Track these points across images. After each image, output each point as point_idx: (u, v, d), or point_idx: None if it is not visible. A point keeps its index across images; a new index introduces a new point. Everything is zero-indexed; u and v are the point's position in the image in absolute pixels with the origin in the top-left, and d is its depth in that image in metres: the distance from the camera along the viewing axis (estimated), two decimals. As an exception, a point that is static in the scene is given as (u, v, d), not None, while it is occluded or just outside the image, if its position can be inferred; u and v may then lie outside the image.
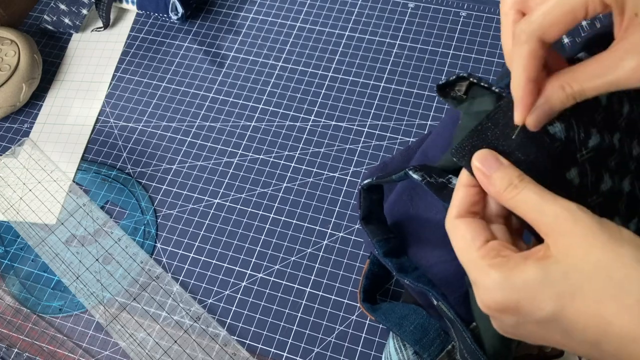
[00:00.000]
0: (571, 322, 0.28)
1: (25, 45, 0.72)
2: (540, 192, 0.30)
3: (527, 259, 0.30)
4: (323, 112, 0.68)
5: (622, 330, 0.27)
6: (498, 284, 0.30)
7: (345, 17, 0.75)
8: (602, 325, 0.28)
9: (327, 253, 0.59)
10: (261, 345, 0.56)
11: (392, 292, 0.57)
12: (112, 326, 0.58)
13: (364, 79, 0.70)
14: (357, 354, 0.54)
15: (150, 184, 0.66)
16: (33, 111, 0.73)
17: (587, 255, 0.28)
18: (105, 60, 0.76)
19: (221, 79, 0.72)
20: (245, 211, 0.63)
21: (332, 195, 0.63)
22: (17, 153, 0.69)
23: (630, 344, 0.27)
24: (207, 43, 0.76)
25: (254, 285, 0.59)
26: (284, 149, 0.66)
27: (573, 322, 0.28)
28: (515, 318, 0.30)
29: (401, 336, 0.49)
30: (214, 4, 0.79)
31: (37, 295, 0.60)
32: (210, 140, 0.68)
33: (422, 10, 0.74)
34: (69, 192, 0.66)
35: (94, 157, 0.68)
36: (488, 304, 0.31)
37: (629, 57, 0.29)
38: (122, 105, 0.72)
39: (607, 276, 0.28)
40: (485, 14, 0.73)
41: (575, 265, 0.28)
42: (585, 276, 0.28)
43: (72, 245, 0.62)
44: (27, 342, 0.58)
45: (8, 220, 0.65)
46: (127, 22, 0.79)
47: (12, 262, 0.63)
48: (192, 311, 0.58)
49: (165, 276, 0.60)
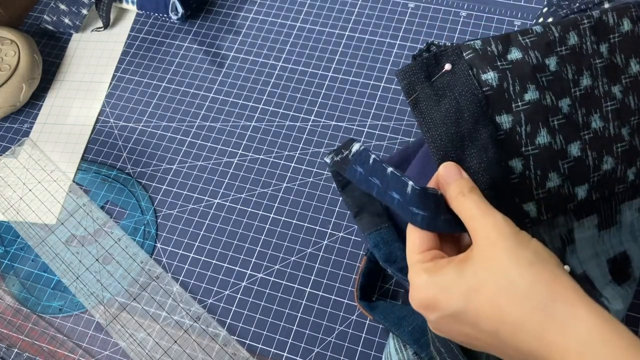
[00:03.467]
0: (476, 313, 0.33)
1: (25, 45, 0.72)
2: (480, 204, 0.36)
3: (450, 262, 0.35)
4: (323, 112, 0.68)
5: (514, 319, 0.32)
6: (424, 282, 0.35)
7: (345, 17, 0.75)
8: (499, 315, 0.33)
9: (327, 253, 0.59)
10: (261, 345, 0.56)
11: (392, 292, 0.57)
12: (112, 326, 0.58)
13: (364, 79, 0.70)
14: (357, 354, 0.54)
15: (150, 184, 0.66)
16: (33, 111, 0.73)
17: (494, 257, 0.34)
18: (105, 60, 0.76)
19: (221, 79, 0.72)
20: (245, 211, 0.63)
21: (332, 195, 0.63)
22: (17, 153, 0.69)
23: (519, 331, 0.32)
24: (207, 43, 0.76)
25: (254, 285, 0.59)
26: (284, 149, 0.66)
27: (478, 313, 0.33)
28: (436, 314, 0.35)
29: (400, 336, 0.49)
30: (214, 4, 0.79)
31: (37, 295, 0.60)
32: (210, 140, 0.68)
33: (422, 10, 0.74)
34: (69, 192, 0.66)
35: (94, 157, 0.68)
36: (416, 301, 0.36)
37: None
38: (122, 105, 0.72)
39: (504, 274, 0.33)
40: (485, 14, 0.73)
41: (483, 265, 0.34)
42: (489, 274, 0.33)
43: (72, 245, 0.62)
44: (27, 342, 0.58)
45: (8, 220, 0.65)
46: (127, 22, 0.79)
47: (12, 262, 0.63)
48: (192, 311, 0.58)
49: (165, 276, 0.60)
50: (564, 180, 0.41)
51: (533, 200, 0.40)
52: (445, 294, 0.34)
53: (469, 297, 0.33)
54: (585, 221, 0.42)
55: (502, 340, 0.33)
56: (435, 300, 0.35)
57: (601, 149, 0.42)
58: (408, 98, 0.40)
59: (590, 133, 0.41)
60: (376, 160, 0.39)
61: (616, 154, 0.42)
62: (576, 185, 0.41)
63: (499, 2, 0.73)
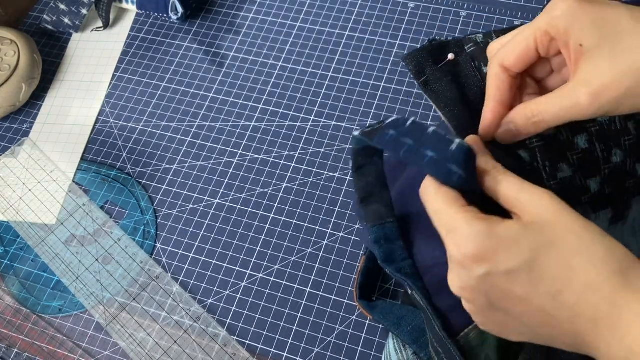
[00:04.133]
0: (541, 271, 0.31)
1: (25, 45, 0.72)
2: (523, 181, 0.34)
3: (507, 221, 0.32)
4: (323, 112, 0.68)
5: (587, 279, 0.30)
6: (480, 232, 0.32)
7: (345, 17, 0.75)
8: (569, 276, 0.31)
9: (327, 253, 0.59)
10: (261, 345, 0.56)
11: (392, 292, 0.57)
12: (112, 326, 0.57)
13: (364, 79, 0.70)
14: (357, 354, 0.54)
15: (150, 184, 0.66)
16: (33, 111, 0.73)
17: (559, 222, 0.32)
18: (105, 60, 0.76)
19: (221, 79, 0.72)
20: (245, 211, 0.63)
21: (332, 195, 0.63)
22: (17, 153, 0.69)
23: (588, 292, 0.30)
24: (207, 43, 0.75)
25: (254, 286, 0.59)
26: (284, 149, 0.66)
27: (543, 271, 0.31)
28: (486, 267, 0.32)
29: (399, 336, 0.49)
30: (214, 4, 0.78)
31: (37, 295, 0.60)
32: (210, 140, 0.68)
33: (422, 10, 0.74)
34: (69, 192, 0.66)
35: (93, 157, 0.68)
36: (465, 250, 0.32)
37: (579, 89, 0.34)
38: (122, 105, 0.72)
39: (577, 236, 0.31)
40: (485, 14, 0.73)
41: (552, 228, 0.32)
42: (559, 234, 0.31)
43: (71, 245, 0.62)
44: (27, 342, 0.58)
45: (8, 220, 0.65)
46: (127, 22, 0.79)
47: (12, 262, 0.62)
48: (192, 311, 0.58)
49: (165, 276, 0.60)
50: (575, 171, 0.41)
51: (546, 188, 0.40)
52: (508, 246, 0.31)
53: (537, 254, 0.31)
54: (601, 214, 0.42)
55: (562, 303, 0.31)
56: (491, 252, 0.32)
57: (608, 141, 0.42)
58: (418, 79, 0.40)
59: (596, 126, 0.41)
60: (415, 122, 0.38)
61: (624, 146, 0.42)
62: (588, 178, 0.41)
63: (499, 2, 0.73)
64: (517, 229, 0.32)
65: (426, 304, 0.43)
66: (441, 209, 0.34)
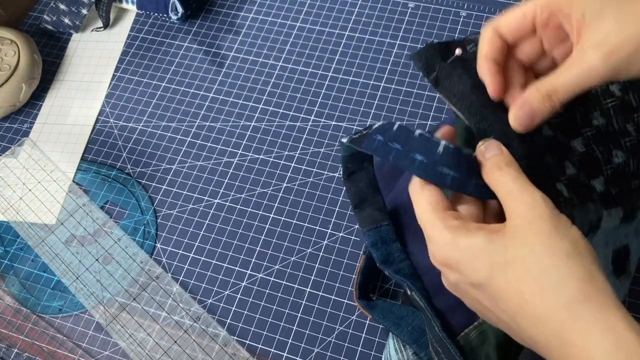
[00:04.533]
0: (497, 291, 0.31)
1: (25, 45, 0.72)
2: (518, 179, 0.33)
3: (480, 229, 0.33)
4: (323, 112, 0.68)
5: (534, 309, 0.30)
6: (447, 243, 0.33)
7: (345, 17, 0.75)
8: (520, 301, 0.31)
9: (327, 253, 0.59)
10: (261, 345, 0.56)
11: (391, 292, 0.57)
12: (112, 326, 0.58)
13: (364, 79, 0.70)
14: (357, 354, 0.54)
15: (150, 184, 0.66)
16: (33, 111, 0.73)
17: (529, 238, 0.31)
18: (105, 60, 0.76)
19: (221, 79, 0.72)
20: (245, 211, 0.63)
21: (332, 195, 0.63)
22: (17, 153, 0.69)
23: (538, 323, 0.30)
24: (207, 43, 0.75)
25: (254, 286, 0.59)
26: (284, 149, 0.66)
27: (498, 291, 0.31)
28: (456, 275, 0.33)
29: (399, 336, 0.49)
30: (214, 4, 0.78)
31: (37, 296, 0.60)
32: (210, 140, 0.68)
33: (422, 10, 0.74)
34: (69, 192, 0.66)
35: (93, 157, 0.68)
36: (436, 257, 0.34)
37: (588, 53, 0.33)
38: (122, 105, 0.72)
39: (537, 260, 0.31)
40: (485, 14, 0.73)
41: (516, 243, 0.31)
42: (519, 255, 0.31)
43: (71, 245, 0.62)
44: (27, 342, 0.58)
45: (8, 220, 0.65)
46: (127, 22, 0.79)
47: (12, 262, 0.62)
48: (192, 311, 0.58)
49: (165, 276, 0.60)
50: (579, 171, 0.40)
51: (560, 182, 0.40)
52: (469, 261, 0.32)
53: (493, 273, 0.31)
54: (612, 211, 0.42)
55: (518, 325, 0.31)
56: (457, 264, 0.33)
57: (607, 143, 0.41)
58: (428, 77, 0.40)
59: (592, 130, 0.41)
60: (402, 126, 0.38)
61: (625, 148, 0.42)
62: (592, 178, 0.41)
63: (499, 2, 0.73)
64: (479, 243, 0.32)
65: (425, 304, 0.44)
66: (421, 213, 0.36)
